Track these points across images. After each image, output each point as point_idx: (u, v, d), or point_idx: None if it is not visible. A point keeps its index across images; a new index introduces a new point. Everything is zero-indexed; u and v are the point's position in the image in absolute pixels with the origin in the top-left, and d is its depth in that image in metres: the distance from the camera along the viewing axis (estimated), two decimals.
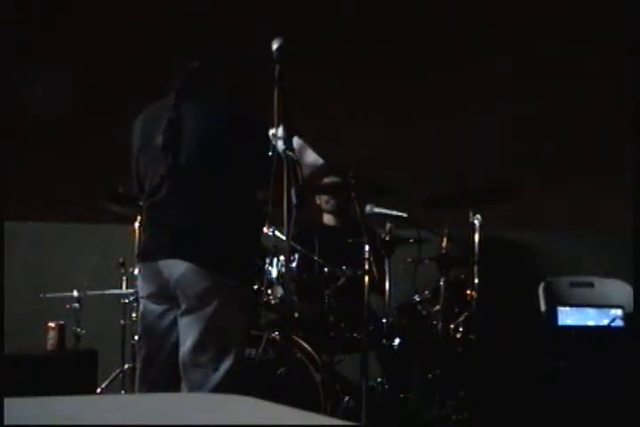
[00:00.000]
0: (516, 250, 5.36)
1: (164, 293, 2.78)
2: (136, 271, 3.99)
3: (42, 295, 4.30)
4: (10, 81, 4.45)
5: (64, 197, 4.83)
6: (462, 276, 4.25)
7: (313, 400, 3.52)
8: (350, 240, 3.99)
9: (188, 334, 2.73)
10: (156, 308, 2.82)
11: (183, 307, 2.74)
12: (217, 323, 2.71)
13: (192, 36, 3.67)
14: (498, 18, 4.80)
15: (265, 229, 3.55)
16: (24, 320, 4.69)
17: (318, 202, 4.67)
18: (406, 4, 4.77)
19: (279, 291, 3.70)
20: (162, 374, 2.81)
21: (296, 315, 3.77)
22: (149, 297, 2.84)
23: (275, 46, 2.72)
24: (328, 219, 4.68)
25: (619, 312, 4.32)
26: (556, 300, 4.69)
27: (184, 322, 2.74)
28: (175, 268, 2.72)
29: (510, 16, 4.79)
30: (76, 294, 4.26)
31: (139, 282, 2.91)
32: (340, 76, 4.81)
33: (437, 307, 4.09)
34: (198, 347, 2.71)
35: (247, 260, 2.88)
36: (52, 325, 4.38)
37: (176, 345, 2.78)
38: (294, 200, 2.58)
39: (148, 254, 2.84)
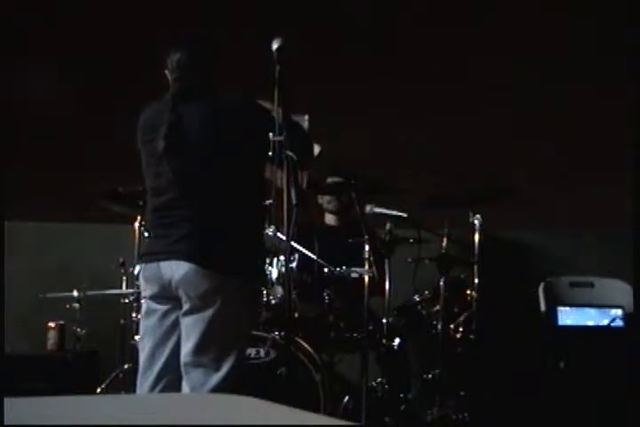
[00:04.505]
0: (516, 250, 5.36)
1: (167, 293, 2.78)
2: (136, 271, 4.00)
3: (42, 295, 4.30)
4: (10, 81, 4.45)
5: (64, 197, 4.83)
6: (462, 276, 4.26)
7: (313, 400, 3.52)
8: (350, 240, 3.99)
9: (190, 334, 2.73)
10: (158, 308, 2.82)
11: (186, 307, 2.74)
12: (219, 324, 2.71)
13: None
14: (497, 18, 4.80)
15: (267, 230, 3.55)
16: (24, 320, 4.69)
17: (320, 202, 4.66)
18: (407, 3, 4.77)
19: (279, 291, 3.70)
20: (163, 374, 2.81)
21: (296, 315, 3.77)
22: (152, 297, 2.84)
23: (275, 46, 2.71)
24: (330, 219, 4.67)
25: (619, 312, 4.32)
26: (556, 300, 4.69)
27: (186, 322, 2.75)
28: (178, 269, 2.72)
29: (510, 16, 4.79)
30: (75, 294, 4.25)
31: (141, 282, 2.91)
32: (341, 76, 4.81)
33: (437, 307, 4.09)
34: (200, 347, 2.71)
35: (250, 260, 2.87)
36: (51, 325, 4.38)
37: (177, 345, 2.78)
38: (294, 200, 2.58)
39: (151, 255, 2.84)
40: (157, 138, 2.78)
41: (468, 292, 4.14)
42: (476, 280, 4.12)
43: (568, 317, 4.33)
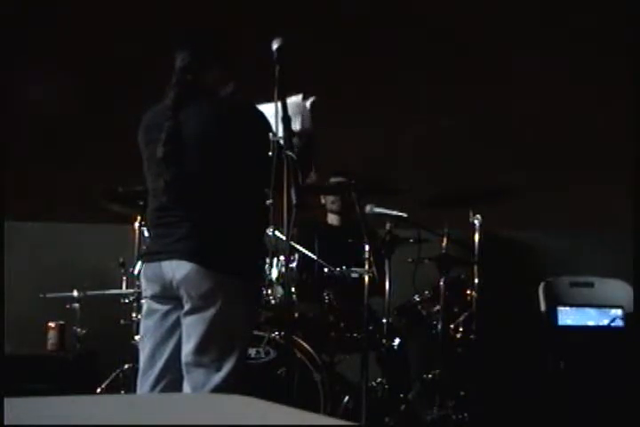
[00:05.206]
0: (516, 250, 5.36)
1: (168, 293, 2.78)
2: (136, 271, 4.00)
3: (42, 295, 4.30)
4: (10, 81, 4.45)
5: (64, 197, 4.83)
6: (462, 276, 4.25)
7: (313, 400, 3.52)
8: (350, 240, 3.99)
9: (191, 334, 2.73)
10: (159, 308, 2.82)
11: (187, 307, 2.74)
12: (220, 323, 2.71)
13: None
14: (496, 17, 4.80)
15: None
16: (24, 320, 4.68)
17: (323, 202, 4.66)
18: (407, 3, 4.77)
19: (279, 291, 3.70)
20: (163, 374, 2.81)
21: (296, 315, 3.77)
22: (153, 297, 2.84)
23: (275, 46, 2.71)
24: (332, 219, 4.67)
25: (619, 312, 4.32)
26: (556, 300, 4.68)
27: (187, 322, 2.74)
28: (179, 268, 2.72)
29: (508, 15, 4.79)
30: (75, 294, 4.26)
31: (142, 282, 2.91)
32: (340, 76, 4.81)
33: (437, 307, 4.09)
34: (201, 347, 2.71)
35: (250, 259, 2.87)
36: (52, 325, 4.38)
37: (178, 345, 2.78)
38: (294, 200, 2.58)
39: (152, 255, 2.84)
40: (157, 142, 2.77)
41: (468, 292, 4.14)
42: (476, 280, 4.12)
43: (568, 317, 4.33)
